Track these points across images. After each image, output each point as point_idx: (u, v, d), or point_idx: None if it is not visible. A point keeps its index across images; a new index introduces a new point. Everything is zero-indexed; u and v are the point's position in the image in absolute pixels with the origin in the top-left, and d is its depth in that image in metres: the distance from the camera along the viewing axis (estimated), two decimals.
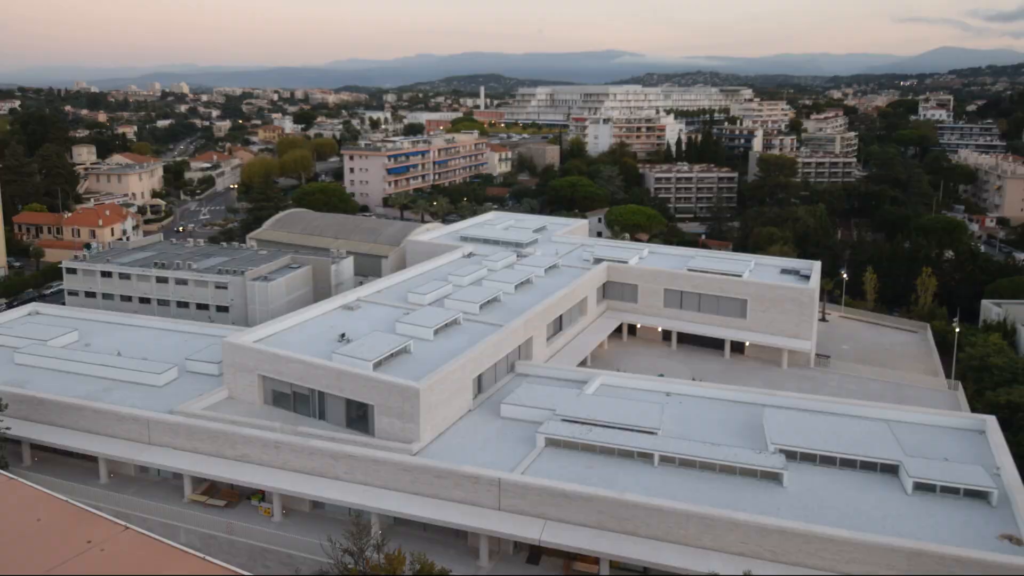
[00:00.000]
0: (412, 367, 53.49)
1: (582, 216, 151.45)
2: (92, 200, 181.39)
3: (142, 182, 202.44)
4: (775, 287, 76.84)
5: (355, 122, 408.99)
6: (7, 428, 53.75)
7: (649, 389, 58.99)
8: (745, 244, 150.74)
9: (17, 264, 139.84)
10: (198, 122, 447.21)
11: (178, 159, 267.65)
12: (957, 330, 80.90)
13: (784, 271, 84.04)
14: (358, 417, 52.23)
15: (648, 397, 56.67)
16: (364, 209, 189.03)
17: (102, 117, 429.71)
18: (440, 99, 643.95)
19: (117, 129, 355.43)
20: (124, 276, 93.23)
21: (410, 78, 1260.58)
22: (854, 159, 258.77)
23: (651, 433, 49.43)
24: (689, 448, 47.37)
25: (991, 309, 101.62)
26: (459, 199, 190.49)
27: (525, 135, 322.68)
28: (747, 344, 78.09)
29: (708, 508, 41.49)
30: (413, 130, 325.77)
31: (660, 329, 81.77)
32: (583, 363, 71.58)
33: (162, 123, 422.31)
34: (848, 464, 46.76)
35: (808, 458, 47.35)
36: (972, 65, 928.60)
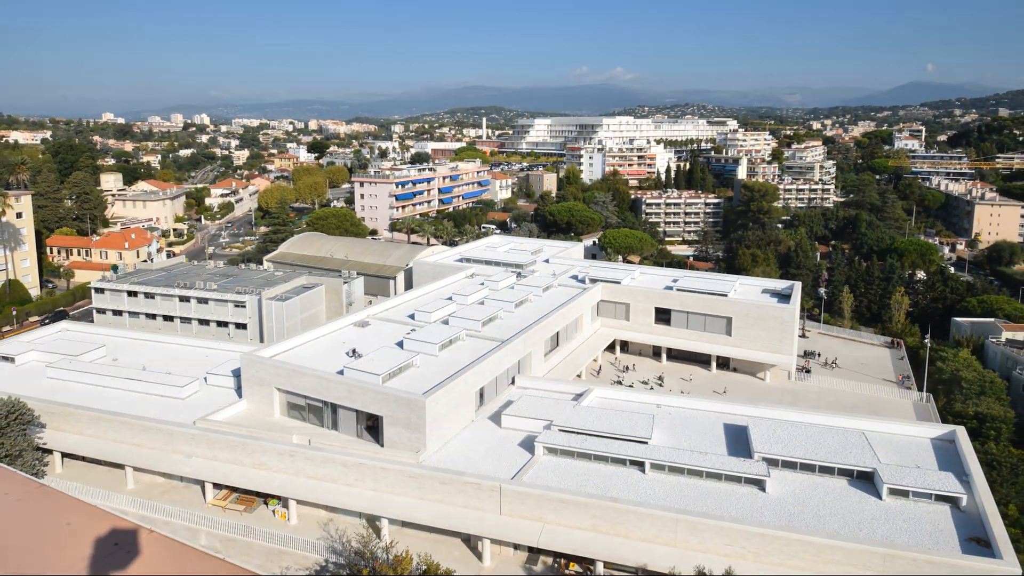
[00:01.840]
0: (419, 381, 53.75)
1: (578, 239, 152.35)
2: (119, 224, 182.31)
3: (165, 207, 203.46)
4: (758, 306, 77.20)
5: (365, 151, 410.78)
6: (40, 438, 54.14)
7: (641, 401, 59.25)
8: (730, 265, 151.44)
9: (49, 284, 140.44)
10: (218, 151, 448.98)
11: (199, 186, 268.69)
12: (929, 346, 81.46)
13: (766, 291, 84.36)
14: (368, 427, 52.51)
15: (640, 409, 56.82)
16: (373, 233, 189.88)
17: (128, 147, 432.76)
18: (445, 130, 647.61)
19: (142, 158, 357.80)
20: (149, 296, 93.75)
21: (416, 110, 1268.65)
22: (832, 186, 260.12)
23: (643, 443, 49.61)
24: (678, 456, 47.59)
25: (961, 326, 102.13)
26: (462, 223, 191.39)
27: (524, 163, 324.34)
28: (732, 359, 78.38)
29: (695, 513, 41.77)
30: (419, 159, 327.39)
31: (651, 345, 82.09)
32: (579, 377, 71.94)
33: (184, 152, 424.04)
34: (827, 471, 46.97)
35: (789, 465, 47.55)
36: (943, 98, 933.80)
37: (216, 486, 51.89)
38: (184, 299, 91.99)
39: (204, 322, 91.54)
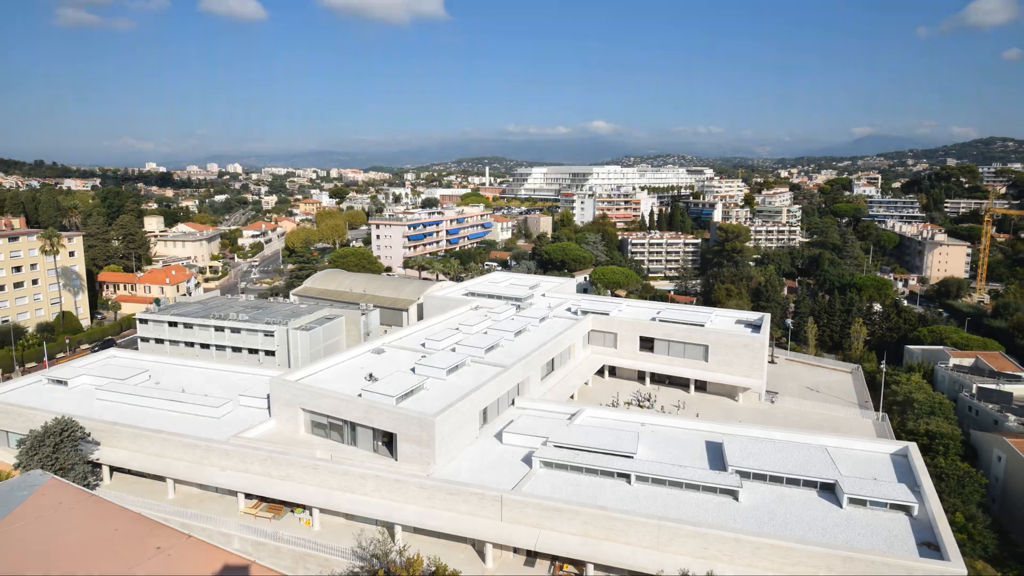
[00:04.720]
0: (429, 402, 54.16)
1: (571, 275, 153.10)
2: (160, 262, 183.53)
3: (202, 247, 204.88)
4: (732, 335, 77.69)
5: (381, 197, 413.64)
6: (92, 453, 54.50)
7: (627, 420, 59.62)
8: (707, 299, 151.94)
9: (99, 315, 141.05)
10: (249, 197, 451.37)
11: (232, 228, 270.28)
12: (885, 371, 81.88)
13: (739, 322, 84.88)
14: (384, 443, 52.81)
15: (626, 427, 57.23)
16: (388, 270, 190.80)
17: (169, 193, 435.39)
18: (452, 177, 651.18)
19: (181, 203, 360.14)
20: (188, 326, 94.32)
21: (426, 159, 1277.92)
22: (798, 228, 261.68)
23: (629, 457, 49.94)
24: (660, 469, 47.92)
25: (913, 353, 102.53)
26: (468, 261, 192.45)
27: (523, 208, 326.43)
28: (709, 382, 78.69)
29: (676, 519, 42.05)
30: (429, 204, 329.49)
31: (636, 370, 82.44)
32: (572, 398, 72.26)
33: (219, 198, 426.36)
34: (793, 483, 47.28)
35: (760, 477, 47.86)
36: (898, 149, 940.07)
37: (248, 496, 52.13)
38: (219, 329, 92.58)
39: (237, 349, 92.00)
